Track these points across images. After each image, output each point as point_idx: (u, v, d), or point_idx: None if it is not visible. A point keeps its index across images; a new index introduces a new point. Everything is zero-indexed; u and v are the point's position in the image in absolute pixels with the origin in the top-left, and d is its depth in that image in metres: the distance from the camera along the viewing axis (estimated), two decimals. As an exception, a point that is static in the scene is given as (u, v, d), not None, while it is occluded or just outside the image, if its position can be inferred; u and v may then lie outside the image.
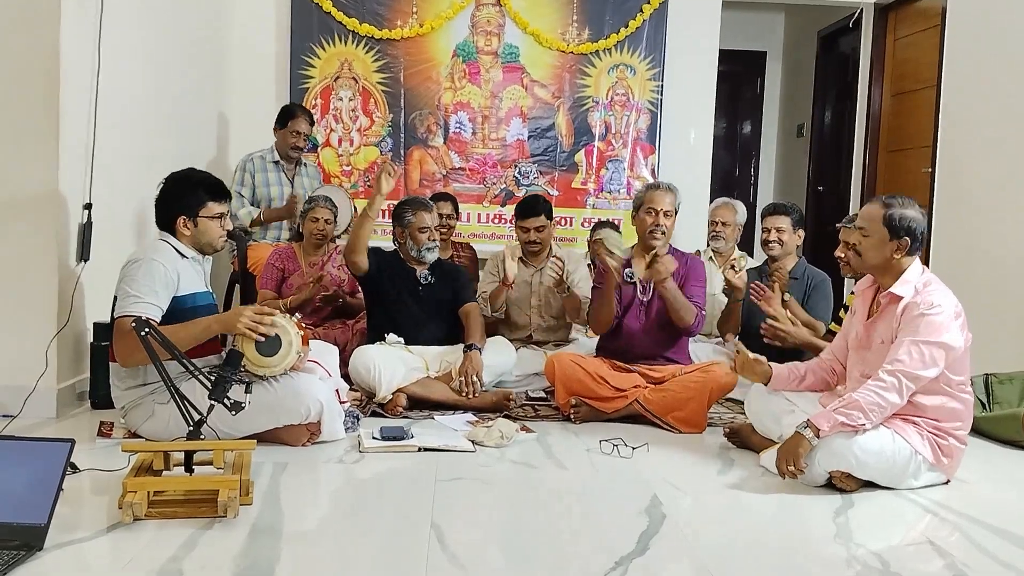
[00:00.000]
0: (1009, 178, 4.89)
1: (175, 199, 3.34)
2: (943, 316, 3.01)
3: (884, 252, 3.13)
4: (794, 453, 2.97)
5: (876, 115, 6.68)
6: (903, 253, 3.11)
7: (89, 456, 3.12)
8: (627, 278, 4.18)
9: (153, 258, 3.20)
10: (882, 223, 3.12)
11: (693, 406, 3.87)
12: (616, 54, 6.45)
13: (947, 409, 3.09)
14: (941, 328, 2.99)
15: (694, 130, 6.72)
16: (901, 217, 3.10)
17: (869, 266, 3.22)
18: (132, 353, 3.05)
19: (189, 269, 3.33)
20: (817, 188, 7.70)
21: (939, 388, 3.07)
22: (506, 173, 6.48)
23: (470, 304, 4.51)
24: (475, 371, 4.11)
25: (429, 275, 4.48)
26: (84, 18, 3.85)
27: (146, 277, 3.15)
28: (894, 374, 2.96)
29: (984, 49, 5.20)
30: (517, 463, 3.34)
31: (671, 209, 4.11)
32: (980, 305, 4.98)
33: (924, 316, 3.00)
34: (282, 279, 4.86)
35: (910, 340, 2.98)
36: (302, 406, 3.29)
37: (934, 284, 3.10)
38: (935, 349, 2.97)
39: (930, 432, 3.07)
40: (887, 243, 3.11)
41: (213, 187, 3.39)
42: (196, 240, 3.37)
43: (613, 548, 2.47)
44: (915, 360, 2.96)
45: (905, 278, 3.11)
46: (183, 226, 3.33)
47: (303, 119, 5.57)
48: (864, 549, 2.54)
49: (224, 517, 2.55)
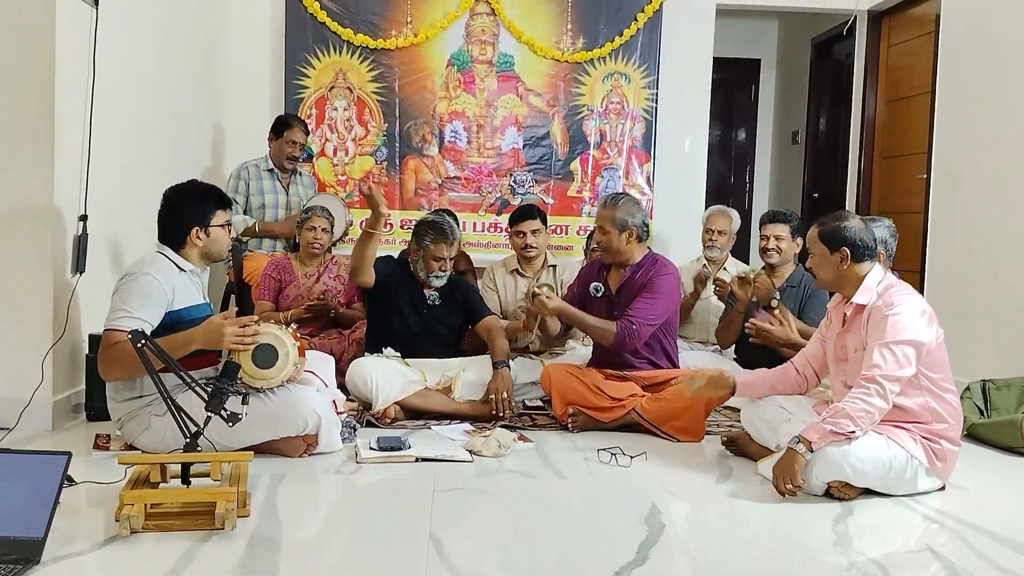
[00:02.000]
0: (1004, 184, 4.90)
1: (185, 211, 3.35)
2: (906, 314, 3.06)
3: (830, 266, 3.25)
4: (790, 470, 2.98)
5: (871, 122, 6.69)
6: (849, 262, 3.20)
7: (85, 468, 3.11)
8: (594, 292, 4.18)
9: (147, 272, 3.19)
10: (819, 239, 3.27)
11: (691, 415, 3.86)
12: (611, 62, 6.47)
13: (931, 409, 3.12)
14: (907, 326, 3.04)
15: (689, 138, 6.74)
16: (833, 229, 3.24)
17: (825, 283, 3.34)
18: (113, 367, 3.07)
19: (187, 283, 3.33)
20: (812, 195, 7.71)
21: (918, 386, 3.10)
22: (501, 182, 6.48)
23: (490, 319, 4.44)
24: (506, 388, 4.07)
25: (437, 297, 4.42)
26: (79, 29, 3.85)
27: (139, 292, 3.14)
28: (873, 380, 3.00)
29: (978, 55, 5.22)
30: (515, 473, 3.33)
31: (606, 225, 4.06)
32: (976, 312, 5.00)
33: (887, 317, 3.05)
34: (279, 290, 4.85)
35: (880, 344, 3.03)
36: (299, 418, 3.28)
37: (896, 286, 3.18)
38: (905, 347, 3.02)
39: (922, 437, 3.09)
40: (829, 257, 3.24)
41: (219, 196, 3.45)
42: (207, 250, 3.39)
43: (612, 558, 2.47)
44: (889, 362, 3.01)
45: (865, 285, 3.20)
46: (196, 236, 3.34)
47: (299, 129, 5.58)
48: (864, 557, 2.54)
49: (222, 529, 2.54)
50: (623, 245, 4.07)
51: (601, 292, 4.17)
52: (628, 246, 4.08)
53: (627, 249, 4.08)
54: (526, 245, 4.95)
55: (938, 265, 5.48)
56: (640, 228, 4.08)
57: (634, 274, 4.10)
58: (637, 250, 4.12)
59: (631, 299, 4.03)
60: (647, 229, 4.13)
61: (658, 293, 4.02)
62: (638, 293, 4.03)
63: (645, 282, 4.05)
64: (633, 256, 4.11)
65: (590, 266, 4.38)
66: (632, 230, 4.05)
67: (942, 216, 5.52)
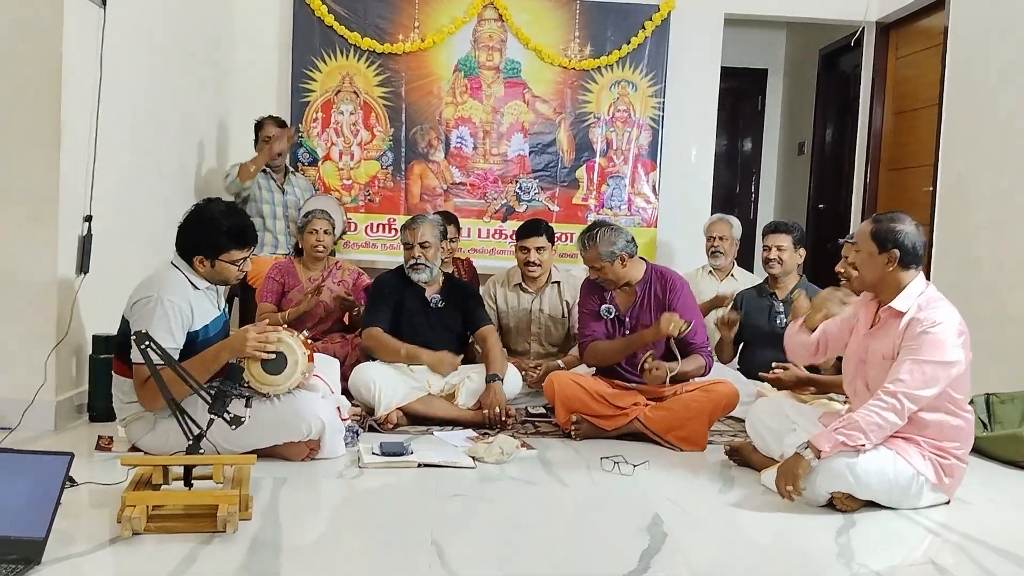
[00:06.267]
0: (1010, 197, 4.89)
1: (197, 239, 3.25)
2: (946, 334, 2.99)
3: (876, 266, 3.14)
4: (793, 474, 2.96)
5: (877, 133, 6.69)
6: (895, 265, 3.10)
7: (88, 469, 3.11)
8: (605, 314, 4.15)
9: (165, 298, 3.14)
10: (870, 237, 3.15)
11: (694, 425, 3.85)
12: (618, 70, 6.48)
13: (949, 426, 3.08)
14: (943, 346, 2.98)
15: (695, 147, 6.74)
16: (888, 230, 3.11)
17: (867, 283, 3.23)
18: (156, 398, 2.96)
19: (202, 299, 3.30)
20: (818, 206, 7.71)
21: (940, 405, 3.06)
22: (507, 188, 6.48)
23: (486, 328, 4.42)
24: (498, 403, 4.07)
25: (440, 300, 4.41)
26: (86, 30, 3.86)
27: (161, 320, 3.11)
28: (895, 395, 2.95)
29: (985, 69, 5.22)
30: (517, 480, 3.33)
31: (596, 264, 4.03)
32: (981, 324, 4.98)
33: (927, 334, 2.98)
34: (282, 293, 4.85)
35: (912, 359, 2.97)
36: (303, 424, 3.28)
37: (938, 301, 3.09)
38: (937, 368, 2.96)
39: (932, 452, 3.06)
40: (876, 256, 3.12)
41: (238, 236, 3.27)
42: (210, 276, 3.31)
43: (614, 566, 2.46)
44: (916, 380, 2.95)
45: (906, 293, 3.10)
46: (199, 263, 3.27)
47: (270, 123, 5.65)
48: (866, 569, 2.53)
49: (223, 532, 2.54)
50: (620, 271, 4.06)
51: (613, 314, 4.15)
52: (625, 269, 4.06)
53: (625, 272, 4.07)
54: (529, 262, 4.86)
55: (943, 277, 5.46)
56: (626, 248, 4.04)
57: (644, 293, 4.09)
58: (634, 267, 4.10)
59: (648, 319, 4.02)
60: (634, 243, 4.10)
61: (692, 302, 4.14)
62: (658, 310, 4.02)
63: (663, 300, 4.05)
64: (634, 274, 4.10)
65: (590, 287, 4.29)
66: (621, 256, 4.03)
67: (948, 228, 5.51)
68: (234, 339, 3.17)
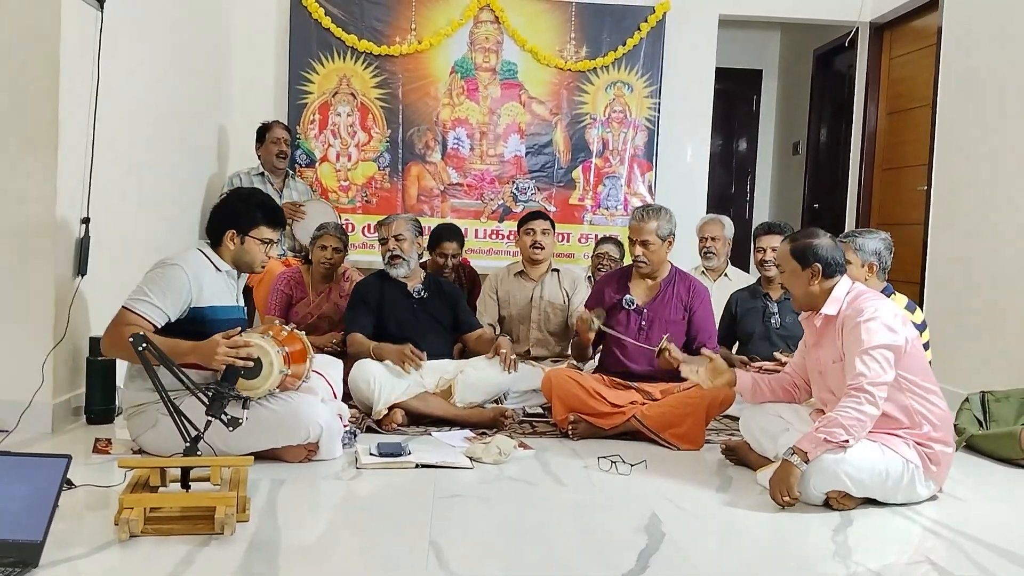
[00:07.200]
0: (1004, 197, 4.91)
1: (231, 212, 3.40)
2: (878, 316, 3.09)
3: (802, 282, 3.28)
4: (786, 482, 2.99)
5: (872, 133, 6.70)
6: (820, 278, 3.24)
7: (85, 472, 3.11)
8: (626, 304, 4.18)
9: (178, 264, 3.23)
10: (791, 256, 3.30)
11: (691, 422, 3.86)
12: (614, 71, 6.49)
13: (916, 412, 3.13)
14: (879, 330, 3.07)
15: (691, 147, 6.76)
16: (805, 246, 3.27)
17: (799, 300, 3.36)
18: (115, 346, 3.14)
19: (219, 282, 3.35)
20: (813, 206, 7.73)
21: (900, 389, 3.12)
22: (504, 189, 6.49)
23: (482, 330, 4.61)
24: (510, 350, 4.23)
25: (422, 289, 4.48)
26: (84, 34, 3.86)
27: (164, 281, 3.19)
28: (861, 388, 3.01)
29: (979, 68, 5.23)
30: (515, 480, 3.33)
31: (650, 238, 4.08)
32: (975, 323, 5.00)
33: (859, 324, 3.08)
34: (288, 305, 4.85)
35: (859, 352, 3.06)
36: (302, 428, 3.28)
37: (864, 293, 3.23)
38: (884, 351, 3.05)
39: (915, 442, 3.10)
40: (800, 273, 3.28)
41: (271, 213, 3.44)
42: (237, 257, 3.40)
43: (612, 566, 2.47)
44: (873, 368, 3.03)
45: (833, 296, 3.24)
46: (229, 240, 3.37)
47: (278, 127, 5.70)
48: (863, 567, 2.54)
49: (221, 534, 2.54)
50: (663, 254, 4.13)
51: (633, 305, 4.17)
52: (666, 255, 4.14)
53: (663, 258, 4.16)
54: (535, 243, 4.97)
55: (938, 277, 5.48)
56: (673, 237, 4.14)
57: (668, 289, 4.15)
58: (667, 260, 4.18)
59: (666, 314, 4.10)
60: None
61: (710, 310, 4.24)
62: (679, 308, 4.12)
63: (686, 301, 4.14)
64: (665, 267, 4.16)
65: (608, 278, 4.36)
66: (671, 239, 4.10)
67: (942, 228, 5.52)
68: (204, 346, 3.09)
